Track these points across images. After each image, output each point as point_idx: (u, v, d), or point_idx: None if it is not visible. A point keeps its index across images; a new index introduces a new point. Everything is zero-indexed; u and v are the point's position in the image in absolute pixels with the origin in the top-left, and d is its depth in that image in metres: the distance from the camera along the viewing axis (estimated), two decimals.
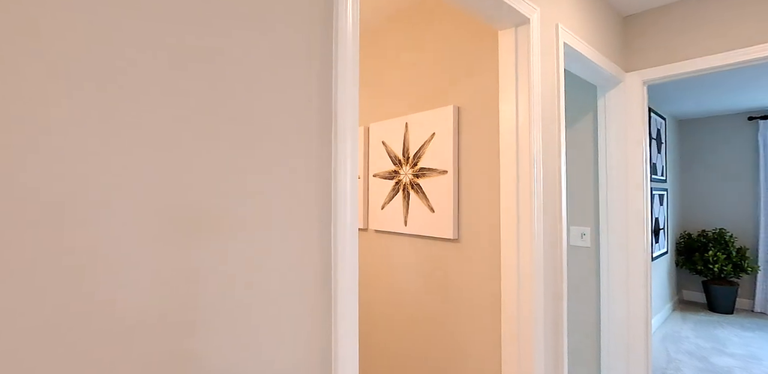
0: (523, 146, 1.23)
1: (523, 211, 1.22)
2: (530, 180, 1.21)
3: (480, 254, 1.42)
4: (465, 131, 1.49)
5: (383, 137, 1.88)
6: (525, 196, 1.22)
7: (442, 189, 1.54)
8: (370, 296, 1.98)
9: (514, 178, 1.24)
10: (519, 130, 1.24)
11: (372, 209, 1.94)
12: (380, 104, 1.99)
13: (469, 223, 1.46)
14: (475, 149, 1.45)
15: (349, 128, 0.73)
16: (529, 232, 1.20)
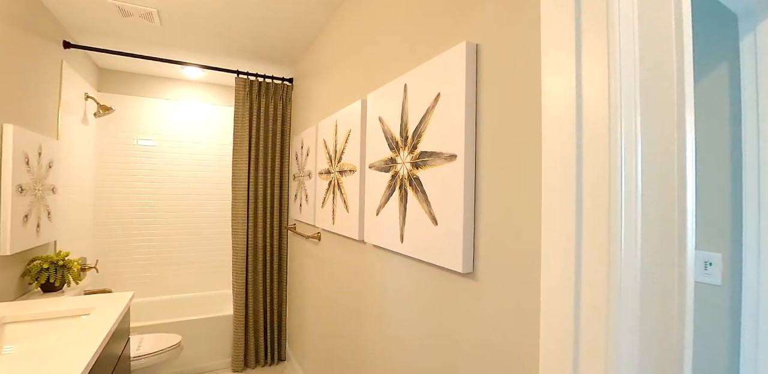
0: (594, 129, 0.57)
1: (590, 227, 0.57)
2: (607, 176, 0.55)
3: (509, 301, 0.78)
4: (488, 86, 0.85)
5: (380, 111, 1.30)
6: (597, 201, 0.57)
7: (449, 186, 0.92)
8: (357, 331, 1.42)
9: (570, 170, 0.59)
10: (584, 107, 0.58)
11: (368, 213, 1.38)
12: (376, 64, 1.41)
13: (492, 247, 0.83)
14: (505, 118, 0.81)
15: None
16: (601, 267, 0.55)
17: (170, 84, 2.93)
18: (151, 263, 2.85)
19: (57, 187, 1.93)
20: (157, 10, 1.83)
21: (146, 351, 1.78)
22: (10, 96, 1.53)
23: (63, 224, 2.08)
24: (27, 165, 1.60)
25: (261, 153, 2.50)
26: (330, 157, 1.80)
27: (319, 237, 1.98)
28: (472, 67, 0.89)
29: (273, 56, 2.46)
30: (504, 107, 0.81)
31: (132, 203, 2.81)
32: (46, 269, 1.64)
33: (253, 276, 2.46)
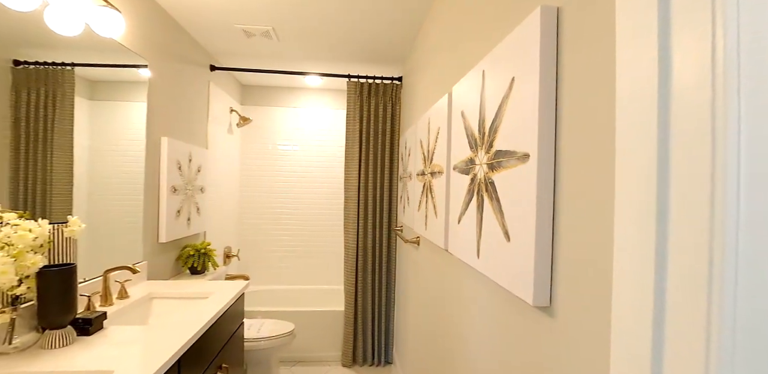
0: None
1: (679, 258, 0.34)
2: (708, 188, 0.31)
3: (601, 353, 0.55)
4: (573, 63, 0.62)
5: (463, 105, 1.14)
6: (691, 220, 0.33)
7: (521, 194, 0.72)
8: (445, 346, 1.28)
9: (651, 171, 0.36)
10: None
11: (452, 221, 1.23)
12: (462, 51, 1.24)
13: (577, 278, 0.60)
14: (598, 104, 0.57)
15: None
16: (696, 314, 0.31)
17: (296, 93, 3.27)
18: (281, 256, 3.24)
19: (205, 187, 2.34)
20: (272, 28, 2.03)
21: (264, 335, 2.00)
22: (168, 115, 1.90)
23: (211, 218, 2.52)
24: (179, 170, 1.97)
25: (371, 154, 2.55)
26: (424, 157, 1.69)
27: (418, 242, 1.89)
28: (551, 39, 0.66)
29: (383, 56, 2.47)
30: (597, 88, 0.57)
31: (269, 201, 3.23)
32: (192, 256, 1.99)
33: (362, 275, 2.53)
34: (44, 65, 1.18)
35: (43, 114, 1.18)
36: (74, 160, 1.29)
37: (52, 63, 1.21)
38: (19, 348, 0.98)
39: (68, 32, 1.24)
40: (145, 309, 1.48)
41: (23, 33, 1.10)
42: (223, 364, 1.41)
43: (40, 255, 0.99)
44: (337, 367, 2.51)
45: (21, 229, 0.95)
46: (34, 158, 1.14)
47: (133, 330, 1.14)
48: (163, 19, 1.84)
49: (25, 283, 0.97)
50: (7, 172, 1.04)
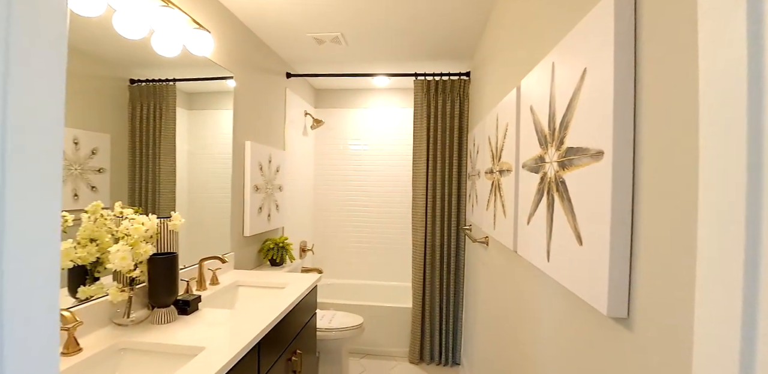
0: None
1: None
2: None
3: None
4: (653, 49, 0.56)
5: (531, 99, 1.08)
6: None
7: (594, 194, 0.67)
8: (513, 352, 1.23)
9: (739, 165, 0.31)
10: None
11: (521, 221, 1.17)
12: (531, 42, 1.17)
13: (661, 287, 0.54)
14: (683, 94, 0.51)
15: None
16: None
17: (365, 94, 3.36)
18: (352, 252, 3.36)
19: (283, 186, 2.53)
20: (341, 34, 2.12)
21: (335, 326, 2.11)
22: (250, 121, 2.09)
23: (288, 215, 2.71)
24: (260, 171, 2.15)
25: (438, 152, 2.53)
26: (492, 155, 1.64)
27: (487, 242, 1.84)
28: (627, 23, 0.60)
29: (450, 52, 2.44)
30: (684, 76, 0.51)
31: (340, 199, 3.38)
32: (272, 249, 2.17)
33: (430, 273, 2.53)
34: (152, 82, 1.38)
35: (152, 124, 1.38)
36: (177, 163, 1.49)
37: (158, 80, 1.41)
38: (135, 322, 1.17)
39: (169, 54, 1.43)
40: (232, 295, 1.65)
41: (135, 56, 1.30)
42: (297, 350, 1.52)
43: (150, 245, 1.16)
44: (403, 363, 2.55)
45: (136, 223, 1.13)
46: (146, 161, 1.34)
47: (223, 313, 1.28)
48: (244, 34, 2.02)
49: (139, 268, 1.15)
50: (126, 173, 1.24)
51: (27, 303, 0.31)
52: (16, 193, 0.30)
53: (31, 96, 0.31)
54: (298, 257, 2.89)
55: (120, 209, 1.16)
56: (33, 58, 0.31)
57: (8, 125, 0.29)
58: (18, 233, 0.30)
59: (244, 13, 1.88)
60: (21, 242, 0.30)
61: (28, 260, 0.31)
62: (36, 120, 0.31)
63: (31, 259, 0.31)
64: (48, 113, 0.32)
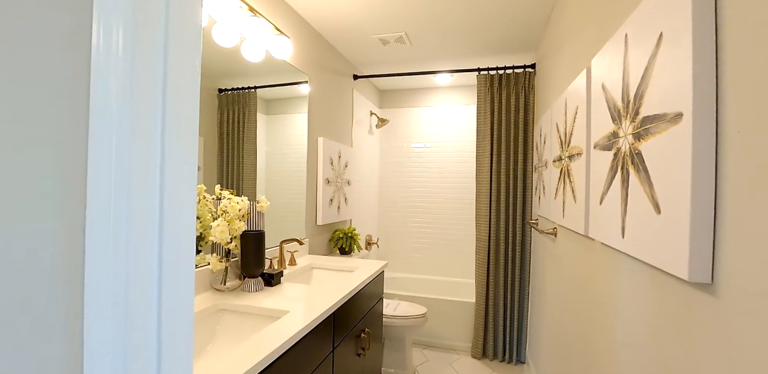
0: None
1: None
2: None
3: None
4: (740, 3, 0.55)
5: (603, 77, 1.06)
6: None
7: (674, 158, 0.66)
8: (587, 345, 1.19)
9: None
10: None
11: (593, 203, 1.15)
12: (600, 22, 1.15)
13: (753, 247, 0.53)
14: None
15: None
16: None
17: (428, 93, 3.42)
18: (415, 247, 3.42)
19: (351, 181, 2.67)
20: (405, 33, 2.21)
21: (399, 314, 2.18)
22: (322, 119, 2.26)
23: (355, 208, 2.85)
24: (331, 165, 2.30)
25: (503, 146, 2.51)
26: (561, 141, 1.60)
27: (555, 233, 1.79)
28: None
29: (514, 45, 2.42)
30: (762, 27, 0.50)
31: (404, 195, 3.46)
32: (341, 238, 2.31)
33: (494, 269, 2.50)
34: (236, 90, 1.56)
35: (237, 128, 1.56)
36: (257, 161, 1.67)
37: (241, 88, 1.59)
38: (230, 289, 1.33)
39: (256, 59, 1.61)
40: (307, 275, 1.80)
41: (226, 65, 1.49)
42: (366, 328, 1.61)
43: (242, 222, 1.33)
44: (466, 357, 2.53)
45: (232, 202, 1.30)
46: (232, 160, 1.51)
47: (302, 287, 1.41)
48: (316, 39, 2.20)
49: (234, 241, 1.32)
50: (215, 171, 1.43)
51: (178, 259, 0.44)
52: (172, 190, 0.43)
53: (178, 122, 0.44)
54: (364, 249, 3.01)
55: (219, 191, 1.34)
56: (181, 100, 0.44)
57: (166, 137, 0.42)
58: (175, 217, 0.43)
59: (315, 19, 2.05)
60: (177, 224, 0.43)
61: (181, 231, 0.44)
62: (181, 131, 0.45)
63: (181, 230, 0.45)
64: (190, 130, 0.46)
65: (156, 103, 0.41)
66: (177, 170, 0.43)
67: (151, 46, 0.41)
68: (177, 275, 0.43)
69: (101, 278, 0.38)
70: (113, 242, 0.38)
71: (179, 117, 0.43)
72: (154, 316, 0.42)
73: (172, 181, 0.43)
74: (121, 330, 0.39)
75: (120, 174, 0.39)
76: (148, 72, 0.41)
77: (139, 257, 0.40)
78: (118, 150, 0.38)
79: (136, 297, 0.40)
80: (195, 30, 0.46)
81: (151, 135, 0.41)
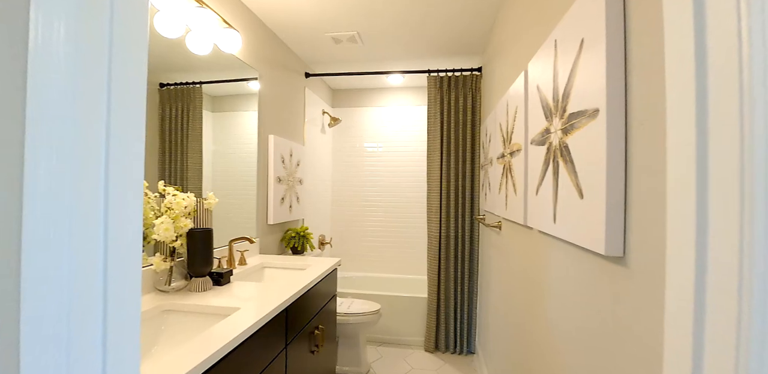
0: None
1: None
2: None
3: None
4: (641, 14, 0.64)
5: (538, 79, 1.16)
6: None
7: (593, 149, 0.74)
8: (529, 328, 1.29)
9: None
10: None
11: (530, 194, 1.25)
12: (536, 28, 1.26)
13: (652, 226, 0.62)
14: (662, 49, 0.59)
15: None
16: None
17: (380, 93, 3.47)
18: (369, 246, 3.45)
19: (304, 179, 2.64)
20: (357, 33, 2.24)
21: (353, 311, 2.19)
22: (273, 116, 2.22)
23: (308, 207, 2.82)
24: (282, 163, 2.27)
25: (453, 146, 2.61)
26: (503, 139, 1.71)
27: (500, 226, 1.90)
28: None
29: (462, 48, 2.54)
30: (657, 36, 0.59)
31: (360, 195, 3.48)
32: (294, 237, 2.28)
33: (445, 264, 2.59)
34: (180, 85, 1.49)
35: (181, 124, 1.49)
36: (203, 161, 1.60)
37: (185, 83, 1.53)
38: (175, 289, 1.28)
39: (202, 52, 1.56)
40: (259, 274, 1.76)
41: (169, 58, 1.43)
42: (319, 325, 1.60)
43: (189, 220, 1.28)
44: (419, 351, 2.60)
45: (178, 198, 1.25)
46: (175, 157, 1.44)
47: (253, 285, 1.39)
48: (267, 35, 2.16)
49: (180, 240, 1.27)
50: (156, 170, 1.36)
51: (125, 261, 0.44)
52: (118, 189, 0.43)
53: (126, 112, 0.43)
54: (318, 249, 2.99)
55: (163, 188, 1.28)
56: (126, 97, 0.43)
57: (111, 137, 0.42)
58: (121, 216, 0.43)
59: (266, 14, 2.02)
60: (123, 223, 0.43)
61: (127, 231, 0.44)
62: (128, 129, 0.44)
63: (128, 231, 0.44)
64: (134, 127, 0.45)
65: (100, 97, 0.40)
66: (122, 168, 0.42)
67: (95, 36, 0.40)
68: (123, 276, 0.42)
69: (40, 280, 0.36)
70: (54, 245, 0.37)
71: (126, 111, 0.42)
72: (99, 321, 0.41)
73: (117, 178, 0.41)
74: (63, 337, 0.37)
75: (60, 173, 0.37)
76: (92, 64, 0.40)
77: (83, 258, 0.39)
78: (58, 146, 0.37)
79: (79, 301, 0.39)
80: (142, 17, 0.45)
81: (95, 129, 0.40)
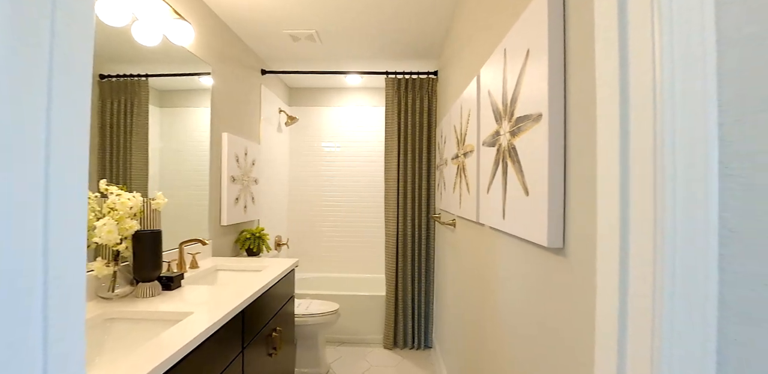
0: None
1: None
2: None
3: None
4: (577, 29, 0.71)
5: (489, 84, 1.23)
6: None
7: (536, 150, 0.81)
8: (481, 323, 1.36)
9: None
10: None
11: (482, 193, 1.31)
12: (488, 37, 1.33)
13: (585, 220, 0.68)
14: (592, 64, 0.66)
15: None
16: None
17: (339, 93, 3.47)
18: (327, 246, 3.43)
19: (259, 179, 2.58)
20: (316, 31, 2.23)
21: (311, 312, 2.18)
22: (227, 114, 2.15)
23: (264, 208, 2.76)
24: (237, 162, 2.20)
25: (410, 146, 2.67)
26: (458, 140, 1.79)
27: (454, 224, 1.98)
28: (558, 10, 0.75)
29: (419, 52, 2.60)
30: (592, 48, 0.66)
31: (318, 195, 3.45)
32: (249, 239, 2.22)
33: (403, 262, 2.65)
34: (124, 77, 1.40)
35: (125, 119, 1.40)
36: (150, 159, 1.51)
37: (130, 75, 1.44)
38: (119, 296, 1.20)
39: (150, 43, 1.48)
40: (212, 277, 1.69)
41: (111, 47, 1.34)
42: (277, 327, 1.58)
43: (135, 221, 1.21)
44: (378, 349, 2.63)
45: (122, 198, 1.18)
46: (118, 154, 1.34)
47: (206, 288, 1.34)
48: (222, 29, 2.09)
49: (125, 243, 1.19)
50: (96, 168, 1.27)
51: (65, 265, 0.41)
52: (59, 189, 0.40)
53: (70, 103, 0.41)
54: (274, 250, 2.92)
55: (105, 187, 1.20)
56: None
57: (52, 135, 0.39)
58: (61, 216, 0.40)
59: (220, 7, 1.96)
60: (63, 225, 0.40)
61: (71, 233, 0.41)
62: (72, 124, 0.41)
63: (72, 232, 0.42)
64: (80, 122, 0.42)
65: (40, 86, 0.38)
66: (64, 164, 0.39)
67: (35, 19, 0.38)
68: (64, 282, 0.40)
69: None
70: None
71: (68, 102, 0.40)
72: (39, 330, 0.38)
73: (58, 177, 0.39)
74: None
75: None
76: (31, 50, 0.38)
77: (20, 262, 0.37)
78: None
79: (16, 307, 0.37)
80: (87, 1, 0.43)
81: (35, 121, 0.37)
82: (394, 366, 2.39)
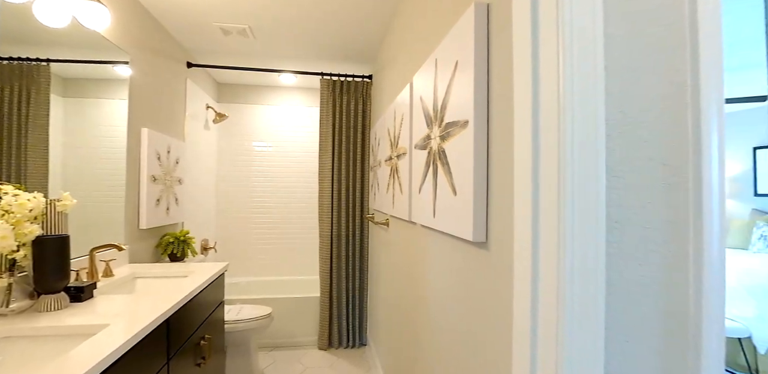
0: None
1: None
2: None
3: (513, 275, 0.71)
4: (498, 47, 0.80)
5: (421, 91, 1.31)
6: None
7: (463, 154, 0.89)
8: (414, 319, 1.43)
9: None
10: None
11: (414, 193, 1.39)
12: (421, 46, 1.41)
13: (504, 216, 0.77)
14: (510, 78, 0.75)
15: None
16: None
17: (272, 91, 3.37)
18: (258, 249, 3.31)
19: (183, 179, 2.41)
20: (249, 27, 2.15)
21: (243, 318, 2.09)
22: (148, 108, 1.98)
23: (189, 210, 2.58)
24: (158, 160, 2.04)
25: (344, 148, 2.69)
26: (391, 143, 1.85)
27: (387, 223, 2.04)
28: (482, 28, 0.84)
29: (354, 55, 2.63)
30: (511, 66, 0.75)
31: (245, 196, 3.30)
32: (172, 243, 2.06)
33: (337, 263, 2.65)
34: (18, 61, 1.22)
35: (18, 110, 1.22)
36: (50, 155, 1.33)
37: (26, 59, 1.26)
38: (16, 311, 1.06)
39: (56, 24, 1.32)
40: (129, 285, 1.55)
41: (6, 27, 1.18)
42: (206, 335, 1.50)
43: (36, 225, 1.07)
44: (313, 350, 2.61)
45: (20, 199, 1.04)
46: (9, 151, 1.17)
47: (123, 298, 1.23)
48: (143, 15, 1.92)
49: (23, 250, 1.05)
50: None
51: None
52: None
53: None
54: (201, 254, 2.75)
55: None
56: None
57: None
58: None
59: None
60: None
61: None
62: None
63: None
64: None
65: None
66: None
67: None
68: None
69: None
70: None
71: None
72: None
73: None
74: None
75: None
76: None
77: None
78: None
79: None
80: None
81: None
82: (329, 366, 2.39)
